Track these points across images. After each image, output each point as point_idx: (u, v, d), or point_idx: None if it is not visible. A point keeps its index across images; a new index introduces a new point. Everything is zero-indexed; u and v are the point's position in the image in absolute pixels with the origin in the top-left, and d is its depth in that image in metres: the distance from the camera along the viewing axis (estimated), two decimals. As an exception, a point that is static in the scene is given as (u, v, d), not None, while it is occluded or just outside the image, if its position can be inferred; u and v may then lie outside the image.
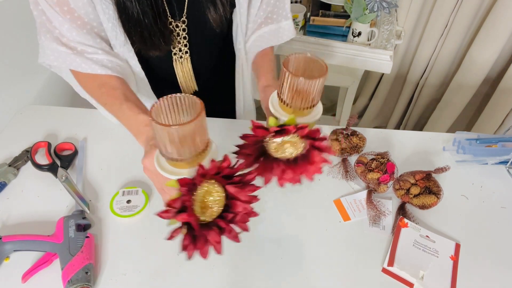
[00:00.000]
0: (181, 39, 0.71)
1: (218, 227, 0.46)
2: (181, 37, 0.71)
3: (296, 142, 0.56)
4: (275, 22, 0.78)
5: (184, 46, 0.72)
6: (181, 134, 0.43)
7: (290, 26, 0.80)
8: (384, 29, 1.37)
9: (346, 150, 0.75)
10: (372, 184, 0.70)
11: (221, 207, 0.47)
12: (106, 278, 0.58)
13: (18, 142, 0.77)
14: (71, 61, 0.65)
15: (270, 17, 0.77)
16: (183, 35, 0.70)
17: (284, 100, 0.55)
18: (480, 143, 0.77)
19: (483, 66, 1.38)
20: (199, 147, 0.47)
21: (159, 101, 0.45)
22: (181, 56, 0.74)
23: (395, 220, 0.67)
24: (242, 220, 0.47)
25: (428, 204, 0.66)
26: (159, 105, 0.45)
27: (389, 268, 0.60)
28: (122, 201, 0.67)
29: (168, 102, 0.46)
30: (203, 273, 0.59)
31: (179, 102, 0.46)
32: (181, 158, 0.47)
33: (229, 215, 0.46)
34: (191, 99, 0.46)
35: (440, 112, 1.61)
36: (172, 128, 0.42)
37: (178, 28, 0.69)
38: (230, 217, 0.46)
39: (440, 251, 0.62)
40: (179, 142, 0.44)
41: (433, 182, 0.68)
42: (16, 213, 0.66)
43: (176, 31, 0.69)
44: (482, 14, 1.34)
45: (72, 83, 0.76)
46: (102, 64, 0.66)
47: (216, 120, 0.84)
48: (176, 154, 0.46)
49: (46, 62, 0.67)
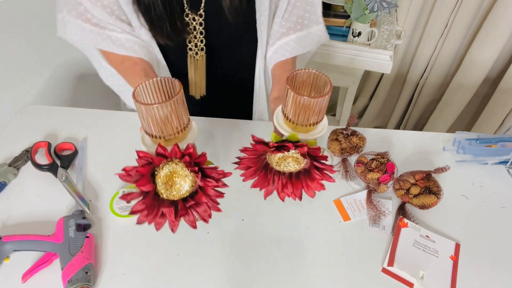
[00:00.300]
0: (197, 34, 0.68)
1: (176, 206, 0.50)
2: (197, 32, 0.68)
3: (298, 158, 0.57)
4: (304, 28, 0.74)
5: (200, 42, 0.70)
6: (160, 113, 0.48)
7: (321, 31, 0.76)
8: (384, 29, 1.37)
9: (346, 150, 0.75)
10: (372, 184, 0.70)
11: (189, 192, 0.52)
12: (106, 278, 0.58)
13: (18, 142, 0.77)
14: (93, 38, 0.66)
15: (300, 23, 0.73)
16: (200, 30, 0.68)
17: (288, 116, 0.55)
18: (480, 143, 0.77)
19: (483, 66, 1.39)
20: (177, 127, 0.51)
21: (142, 83, 0.49)
22: (197, 53, 0.71)
23: (395, 220, 0.67)
24: (203, 210, 0.51)
25: (428, 204, 0.67)
26: (141, 86, 0.49)
27: (389, 268, 0.60)
28: (122, 201, 0.67)
29: (151, 84, 0.50)
30: (203, 273, 0.59)
31: (160, 84, 0.51)
32: (160, 135, 0.51)
33: (191, 201, 0.51)
34: (171, 81, 0.51)
35: (440, 112, 1.61)
36: (152, 107, 0.47)
37: (195, 22, 0.66)
38: (190, 204, 0.51)
39: (440, 251, 0.62)
40: (159, 120, 0.49)
41: (433, 182, 0.68)
42: (16, 213, 0.66)
43: (192, 24, 0.67)
44: (482, 14, 1.34)
45: (94, 63, 0.77)
46: (120, 43, 0.67)
47: (228, 121, 0.83)
48: (155, 132, 0.51)
49: (68, 38, 0.69)
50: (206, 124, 0.82)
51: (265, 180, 0.58)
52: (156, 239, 0.63)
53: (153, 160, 0.50)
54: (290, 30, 0.74)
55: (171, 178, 0.52)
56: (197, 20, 0.66)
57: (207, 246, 0.62)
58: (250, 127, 0.82)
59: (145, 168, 0.49)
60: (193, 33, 0.68)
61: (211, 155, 0.76)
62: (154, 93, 0.52)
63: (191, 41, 0.69)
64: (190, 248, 0.62)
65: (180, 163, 0.51)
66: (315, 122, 0.55)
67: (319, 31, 0.76)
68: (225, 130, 0.81)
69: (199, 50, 0.70)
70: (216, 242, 0.63)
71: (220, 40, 0.72)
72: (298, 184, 0.57)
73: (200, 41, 0.69)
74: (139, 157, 0.49)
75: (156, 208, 0.50)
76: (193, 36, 0.68)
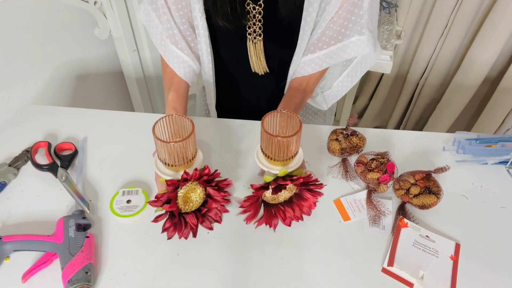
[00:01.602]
0: (257, 22, 0.74)
1: (196, 215, 0.63)
2: (256, 20, 0.74)
3: (290, 187, 0.65)
4: (345, 38, 0.72)
5: (258, 29, 0.75)
6: (175, 147, 0.58)
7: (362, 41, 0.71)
8: (384, 29, 1.37)
9: (346, 150, 0.75)
10: (372, 184, 0.70)
11: (200, 203, 0.64)
12: (106, 278, 0.58)
13: (18, 142, 0.77)
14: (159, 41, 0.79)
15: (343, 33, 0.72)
16: (259, 18, 0.74)
17: (268, 155, 0.62)
18: (480, 143, 0.77)
19: (483, 66, 1.38)
20: (188, 157, 0.61)
21: (159, 120, 0.59)
22: (255, 37, 0.77)
23: (395, 220, 0.67)
24: (215, 214, 0.65)
25: (428, 204, 0.67)
26: (160, 123, 0.59)
27: (389, 268, 0.60)
28: (122, 201, 0.67)
29: (166, 121, 0.61)
30: (203, 273, 0.59)
31: (174, 121, 0.62)
32: (173, 164, 0.61)
33: (204, 209, 0.64)
34: (184, 120, 0.61)
35: (440, 112, 1.61)
36: (169, 144, 0.57)
37: (254, 11, 0.72)
38: (204, 211, 0.64)
39: (440, 251, 0.62)
40: (173, 153, 0.59)
41: (433, 182, 0.68)
42: (16, 213, 0.66)
43: (252, 12, 0.73)
44: (482, 14, 1.34)
45: None
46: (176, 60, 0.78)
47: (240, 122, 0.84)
48: (169, 161, 0.60)
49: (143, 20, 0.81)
50: (215, 125, 0.83)
51: (270, 215, 0.65)
52: (156, 239, 0.63)
53: (179, 185, 0.61)
54: (324, 45, 0.74)
55: (187, 195, 0.63)
56: (256, 10, 0.72)
57: (207, 246, 0.63)
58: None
59: (173, 193, 0.60)
60: (253, 20, 0.74)
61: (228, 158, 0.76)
62: (170, 128, 0.62)
63: (251, 26, 0.75)
64: (190, 248, 0.62)
65: (195, 181, 0.62)
66: (292, 156, 0.62)
67: (360, 40, 0.71)
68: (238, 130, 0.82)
69: (257, 36, 0.77)
70: (216, 242, 0.63)
71: (275, 31, 0.77)
72: (294, 207, 0.66)
73: (258, 28, 0.75)
74: (168, 185, 0.60)
75: (179, 222, 0.62)
76: (252, 23, 0.75)
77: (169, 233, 0.62)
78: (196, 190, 0.63)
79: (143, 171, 0.73)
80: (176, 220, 0.62)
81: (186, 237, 0.62)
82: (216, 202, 0.64)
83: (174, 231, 0.62)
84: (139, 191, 0.69)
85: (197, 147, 0.65)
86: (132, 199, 0.67)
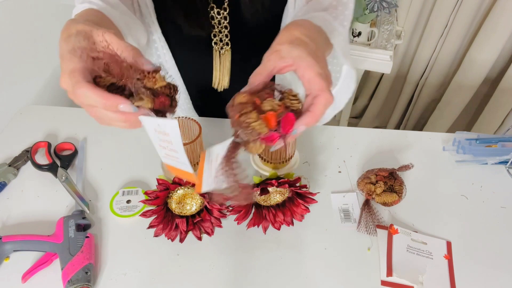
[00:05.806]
0: (222, 28, 0.67)
1: (187, 221, 0.63)
2: (222, 26, 0.66)
3: (282, 190, 0.65)
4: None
5: (225, 37, 0.68)
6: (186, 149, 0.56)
7: None
8: (384, 29, 1.37)
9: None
10: (245, 135, 0.42)
11: (197, 211, 0.64)
12: (106, 278, 0.58)
13: (18, 142, 0.77)
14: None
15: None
16: (224, 24, 0.66)
17: (264, 158, 0.62)
18: (480, 143, 0.77)
19: (483, 66, 1.39)
20: (193, 161, 0.62)
21: None
22: (222, 47, 0.69)
23: (361, 214, 0.66)
24: (207, 226, 0.63)
25: (390, 202, 0.66)
26: None
27: (388, 279, 0.59)
28: (122, 201, 0.67)
29: None
30: (203, 273, 0.59)
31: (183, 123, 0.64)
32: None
33: (198, 218, 0.63)
34: (191, 123, 0.62)
35: (440, 112, 1.61)
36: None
37: (219, 16, 0.65)
38: (197, 220, 0.63)
39: (434, 252, 0.61)
40: None
41: (397, 180, 0.68)
42: (16, 213, 0.66)
43: (217, 18, 0.65)
44: (482, 14, 1.34)
45: None
46: None
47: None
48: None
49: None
50: (208, 123, 0.83)
51: (260, 217, 0.64)
52: (156, 239, 0.63)
53: (169, 186, 0.63)
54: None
55: (183, 199, 0.64)
56: (221, 14, 0.64)
57: (207, 246, 0.62)
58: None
59: (162, 192, 0.63)
60: (218, 27, 0.66)
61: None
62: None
63: (216, 35, 0.68)
64: (190, 248, 0.62)
65: (192, 188, 0.64)
66: (288, 158, 0.63)
67: None
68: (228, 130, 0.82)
69: (224, 45, 0.69)
70: (216, 242, 0.63)
71: (245, 36, 0.70)
72: (286, 211, 0.65)
73: (225, 36, 0.68)
74: (159, 183, 0.62)
75: (170, 223, 0.62)
76: (218, 30, 0.67)
77: (156, 231, 0.62)
78: (195, 197, 0.63)
79: (143, 171, 0.73)
80: (165, 220, 0.62)
81: (172, 240, 0.61)
82: (211, 216, 0.63)
83: (161, 230, 0.62)
84: (139, 191, 0.69)
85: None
86: (132, 199, 0.67)
